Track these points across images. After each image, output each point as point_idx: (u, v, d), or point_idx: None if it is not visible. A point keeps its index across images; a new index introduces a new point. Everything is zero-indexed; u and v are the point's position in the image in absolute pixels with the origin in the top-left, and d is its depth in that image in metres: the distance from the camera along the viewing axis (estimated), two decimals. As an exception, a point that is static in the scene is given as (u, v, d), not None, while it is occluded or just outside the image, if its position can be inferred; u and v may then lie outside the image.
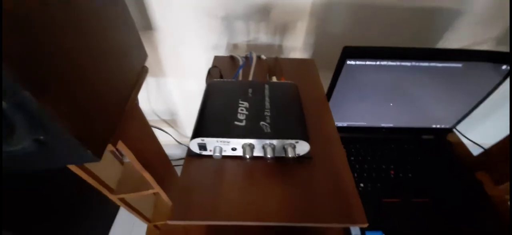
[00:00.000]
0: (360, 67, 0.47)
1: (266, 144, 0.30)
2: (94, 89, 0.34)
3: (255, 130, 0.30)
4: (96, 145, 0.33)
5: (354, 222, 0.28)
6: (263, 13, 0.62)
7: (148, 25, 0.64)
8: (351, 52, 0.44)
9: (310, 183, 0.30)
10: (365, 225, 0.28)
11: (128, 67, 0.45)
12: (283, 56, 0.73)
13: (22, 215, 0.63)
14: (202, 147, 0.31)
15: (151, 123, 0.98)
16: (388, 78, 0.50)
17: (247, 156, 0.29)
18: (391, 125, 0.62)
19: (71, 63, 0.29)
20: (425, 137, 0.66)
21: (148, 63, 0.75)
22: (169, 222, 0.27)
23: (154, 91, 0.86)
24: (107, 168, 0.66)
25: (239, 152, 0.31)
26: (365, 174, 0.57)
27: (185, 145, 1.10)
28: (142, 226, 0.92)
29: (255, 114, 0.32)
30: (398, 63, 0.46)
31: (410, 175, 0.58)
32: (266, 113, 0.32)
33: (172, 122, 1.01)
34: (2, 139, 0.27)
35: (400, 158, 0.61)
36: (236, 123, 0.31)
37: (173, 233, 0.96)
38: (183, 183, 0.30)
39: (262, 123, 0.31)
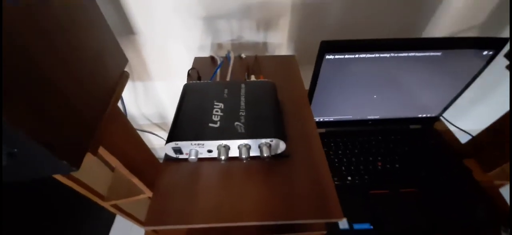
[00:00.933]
0: (340, 61, 0.47)
1: (241, 144, 0.30)
2: (65, 97, 0.33)
3: (229, 130, 0.30)
4: (73, 154, 0.33)
5: (331, 217, 0.28)
6: (244, 11, 0.62)
7: (130, 30, 0.63)
8: (328, 46, 0.44)
9: (287, 181, 0.30)
10: (341, 219, 0.28)
11: (105, 73, 0.44)
12: (268, 53, 0.72)
13: (21, 218, 0.63)
14: (178, 150, 0.31)
15: (143, 128, 0.98)
16: (369, 70, 0.50)
17: (222, 158, 0.29)
18: (377, 117, 0.62)
19: (35, 71, 0.29)
20: (412, 126, 0.66)
21: (134, 67, 0.74)
22: (145, 228, 0.27)
23: (143, 96, 0.85)
24: (96, 175, 0.66)
25: (215, 154, 0.31)
26: (352, 167, 0.57)
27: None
28: (141, 230, 0.92)
29: (229, 115, 0.32)
30: (377, 55, 0.46)
31: (397, 165, 0.58)
32: (241, 113, 0.32)
33: (163, 125, 1.01)
34: None
35: (387, 149, 0.61)
36: (211, 124, 0.31)
37: (171, 231, 0.97)
38: (159, 187, 0.30)
39: (236, 123, 0.31)
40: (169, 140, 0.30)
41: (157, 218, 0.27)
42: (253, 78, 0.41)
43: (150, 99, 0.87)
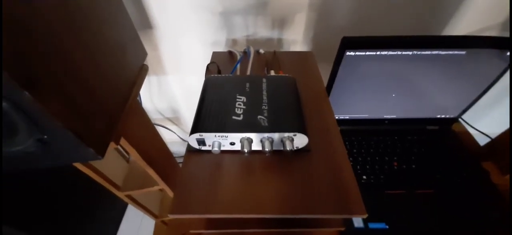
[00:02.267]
0: (360, 58, 0.46)
1: (264, 137, 0.30)
2: (92, 87, 0.34)
3: (253, 123, 0.30)
4: (98, 143, 0.34)
5: (353, 213, 0.28)
6: (260, 7, 0.61)
7: (148, 24, 0.64)
8: (350, 43, 0.44)
9: (309, 175, 0.30)
10: (364, 216, 0.28)
11: (127, 65, 0.45)
12: (282, 50, 0.72)
13: (34, 209, 0.65)
14: (201, 142, 0.31)
15: (155, 122, 0.99)
16: (389, 68, 0.49)
17: (245, 150, 0.29)
18: (394, 116, 0.61)
19: (65, 62, 0.30)
20: (429, 127, 0.65)
21: (149, 62, 0.75)
22: (170, 216, 0.27)
23: (156, 90, 0.87)
24: (113, 166, 0.68)
25: (237, 146, 0.31)
26: (368, 167, 0.57)
27: (186, 141, 1.11)
28: (151, 220, 0.94)
29: (252, 108, 0.32)
30: (399, 52, 0.45)
31: (414, 166, 0.57)
32: (263, 107, 0.32)
33: (175, 120, 1.02)
34: (4, 140, 0.28)
35: (403, 150, 0.60)
36: (234, 117, 0.31)
37: (180, 228, 0.98)
38: (183, 178, 0.30)
39: (259, 116, 0.31)
40: (193, 131, 0.30)
41: (181, 207, 0.28)
42: (272, 73, 0.41)
43: (164, 94, 0.89)
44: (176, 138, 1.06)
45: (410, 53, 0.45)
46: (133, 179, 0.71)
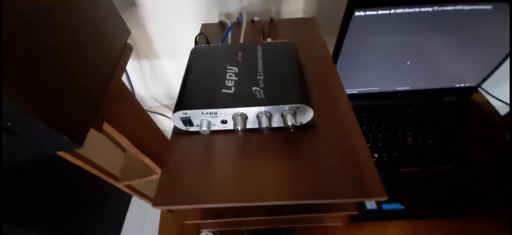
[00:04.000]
0: (371, 18, 0.40)
1: (260, 112, 0.25)
2: (65, 68, 0.30)
3: (247, 96, 0.26)
4: (74, 130, 0.30)
5: (370, 195, 0.23)
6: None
7: (131, 1, 0.58)
8: (359, 0, 0.38)
9: (316, 155, 0.26)
10: (384, 198, 0.23)
11: (107, 44, 0.40)
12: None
13: (39, 202, 0.64)
14: (187, 121, 0.27)
15: (152, 109, 0.95)
16: (404, 30, 0.43)
17: (239, 128, 0.25)
18: (407, 88, 0.55)
19: (33, 39, 0.25)
20: (446, 98, 0.59)
21: (139, 44, 0.70)
22: (154, 207, 0.24)
23: (150, 76, 0.82)
24: (109, 156, 0.65)
25: (230, 125, 0.27)
26: (379, 144, 0.52)
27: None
28: (156, 210, 0.93)
29: (246, 80, 0.27)
30: (416, 9, 0.39)
31: (430, 141, 0.52)
32: (259, 77, 0.27)
33: (172, 106, 0.98)
34: None
35: (418, 124, 0.55)
36: (224, 90, 0.26)
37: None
38: (169, 164, 0.26)
39: (254, 88, 0.26)
40: (176, 109, 0.26)
41: (166, 197, 0.24)
42: (268, 40, 0.36)
43: (158, 79, 0.84)
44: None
45: (430, 9, 0.39)
46: (132, 168, 0.68)
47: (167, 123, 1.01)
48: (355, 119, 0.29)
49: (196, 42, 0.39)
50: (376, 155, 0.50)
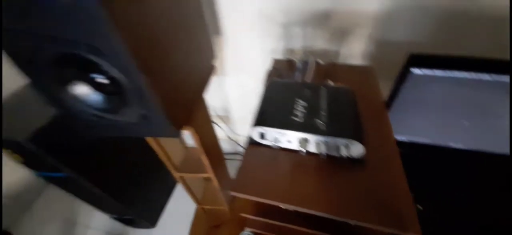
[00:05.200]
0: (428, 77, 0.44)
1: (320, 140, 0.32)
2: (181, 80, 0.42)
3: (311, 125, 0.33)
4: (178, 125, 0.41)
5: (406, 230, 0.27)
6: (322, 20, 0.64)
7: (217, 31, 0.73)
8: (418, 60, 0.42)
9: (361, 184, 0.31)
10: (419, 235, 0.27)
11: (203, 64, 0.53)
12: (340, 60, 0.72)
13: (111, 172, 0.80)
14: (262, 135, 0.35)
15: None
16: (463, 92, 0.45)
17: (302, 149, 0.32)
18: (461, 146, 0.55)
19: (168, 58, 0.38)
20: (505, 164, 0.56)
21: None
22: (232, 193, 0.32)
23: (213, 89, 0.96)
24: (175, 149, 0.78)
25: (294, 146, 0.34)
26: (422, 193, 0.52)
27: (234, 141, 1.19)
28: (191, 205, 1.03)
29: (311, 112, 0.35)
30: (474, 76, 0.42)
31: (480, 207, 0.50)
32: (322, 112, 0.35)
33: (225, 119, 1.11)
34: (113, 110, 0.37)
35: (467, 183, 0.53)
36: (293, 118, 0.34)
37: (217, 215, 1.05)
38: (244, 164, 0.35)
39: (317, 120, 0.33)
40: (256, 124, 0.34)
41: (241, 187, 0.32)
42: (330, 83, 0.43)
43: (219, 93, 0.98)
44: (223, 135, 1.15)
45: (489, 78, 0.41)
46: (188, 163, 0.80)
47: (217, 131, 1.14)
48: (400, 161, 0.33)
49: (269, 74, 0.48)
50: (419, 206, 0.51)
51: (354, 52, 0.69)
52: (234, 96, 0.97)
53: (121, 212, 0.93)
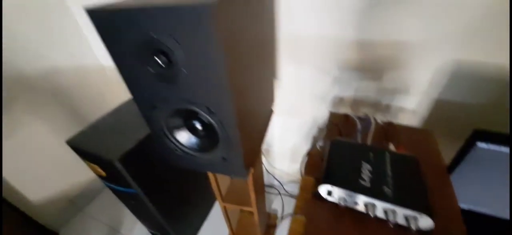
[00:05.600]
0: (493, 152, 0.44)
1: (387, 207, 0.35)
2: (255, 127, 0.48)
3: (379, 192, 0.36)
4: (247, 167, 0.47)
5: None
6: (377, 74, 0.67)
7: (275, 75, 0.81)
8: (483, 136, 0.43)
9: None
10: None
11: (267, 109, 0.60)
12: (389, 115, 0.74)
13: (166, 192, 0.87)
14: (329, 193, 0.39)
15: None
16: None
17: (370, 213, 0.35)
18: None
19: (252, 113, 0.45)
20: None
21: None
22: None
23: (260, 124, 1.03)
24: (223, 180, 0.84)
25: (360, 208, 0.37)
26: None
27: (271, 174, 1.22)
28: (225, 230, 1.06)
29: (378, 178, 0.37)
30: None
31: None
32: (388, 179, 0.37)
33: (265, 151, 1.16)
34: (206, 149, 0.44)
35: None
36: (361, 181, 0.37)
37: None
38: (309, 218, 0.38)
39: (385, 187, 0.36)
40: (325, 182, 0.38)
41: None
42: (392, 146, 0.46)
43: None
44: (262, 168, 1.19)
45: None
46: (233, 194, 0.85)
47: (256, 162, 1.19)
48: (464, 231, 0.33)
49: (328, 129, 0.53)
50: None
51: (407, 108, 0.70)
52: (278, 134, 1.02)
53: (163, 230, 1.00)
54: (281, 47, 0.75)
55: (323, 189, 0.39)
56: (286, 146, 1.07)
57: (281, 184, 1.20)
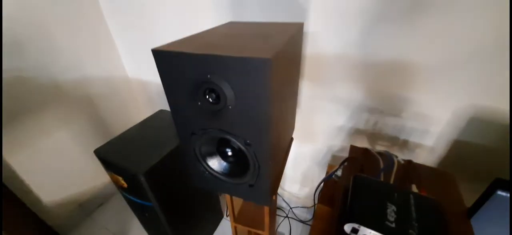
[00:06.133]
0: (516, 202, 0.45)
1: (413, 252, 0.36)
2: (280, 156, 0.51)
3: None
4: (272, 194, 0.49)
5: None
6: (396, 110, 0.70)
7: (296, 104, 0.84)
8: (504, 185, 0.44)
9: None
10: None
11: (287, 137, 0.62)
12: (406, 150, 0.75)
13: (177, 206, 0.89)
14: (355, 231, 0.40)
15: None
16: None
17: (395, 256, 0.36)
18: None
19: (280, 143, 0.47)
20: None
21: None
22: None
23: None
24: (236, 200, 0.86)
25: (384, 248, 0.38)
26: None
27: (280, 196, 1.22)
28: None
29: (403, 221, 0.39)
30: None
31: None
32: (414, 223, 0.38)
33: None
34: (237, 175, 0.46)
35: None
36: (387, 223, 0.38)
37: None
38: (334, 253, 0.39)
39: (410, 231, 0.37)
40: (351, 220, 0.40)
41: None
42: (414, 187, 0.47)
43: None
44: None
45: None
46: (245, 216, 0.86)
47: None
48: None
49: (348, 161, 0.54)
50: None
51: (424, 145, 0.72)
52: (291, 158, 1.04)
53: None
54: (303, 73, 0.78)
55: (348, 227, 0.40)
56: (298, 169, 1.08)
57: (290, 207, 1.20)
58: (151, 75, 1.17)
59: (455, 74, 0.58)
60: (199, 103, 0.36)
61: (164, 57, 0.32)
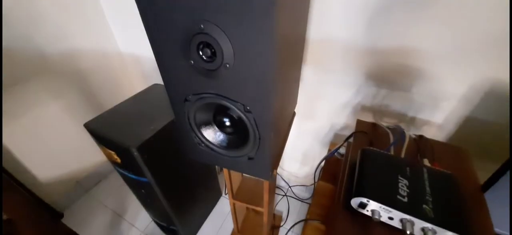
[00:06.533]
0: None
1: (427, 227, 0.33)
2: (282, 129, 0.47)
3: (418, 210, 0.34)
4: (273, 169, 0.46)
5: None
6: (405, 85, 0.65)
7: (300, 77, 0.79)
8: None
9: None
10: None
11: (291, 112, 0.58)
12: (413, 127, 0.72)
13: (176, 182, 0.87)
14: (362, 205, 0.37)
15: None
16: None
17: (407, 231, 0.33)
18: None
19: (282, 114, 0.43)
20: None
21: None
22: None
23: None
24: (234, 177, 0.83)
25: (395, 223, 0.35)
26: None
27: (279, 175, 1.20)
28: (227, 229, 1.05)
29: (416, 195, 0.36)
30: None
31: None
32: (427, 198, 0.35)
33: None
34: (237, 146, 0.42)
35: None
36: (399, 197, 0.35)
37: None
38: (338, 229, 0.37)
39: (424, 206, 0.34)
40: (359, 195, 0.36)
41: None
42: (426, 161, 0.44)
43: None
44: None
45: None
46: (243, 193, 0.84)
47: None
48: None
49: (355, 137, 0.51)
50: None
51: (433, 122, 0.68)
52: (292, 136, 1.00)
53: (168, 220, 0.99)
54: (307, 49, 0.72)
55: (355, 201, 0.37)
56: (299, 148, 1.05)
57: (289, 185, 1.19)
58: (145, 50, 1.11)
59: (474, 47, 0.53)
60: (192, 62, 0.31)
61: (149, 1, 0.27)
